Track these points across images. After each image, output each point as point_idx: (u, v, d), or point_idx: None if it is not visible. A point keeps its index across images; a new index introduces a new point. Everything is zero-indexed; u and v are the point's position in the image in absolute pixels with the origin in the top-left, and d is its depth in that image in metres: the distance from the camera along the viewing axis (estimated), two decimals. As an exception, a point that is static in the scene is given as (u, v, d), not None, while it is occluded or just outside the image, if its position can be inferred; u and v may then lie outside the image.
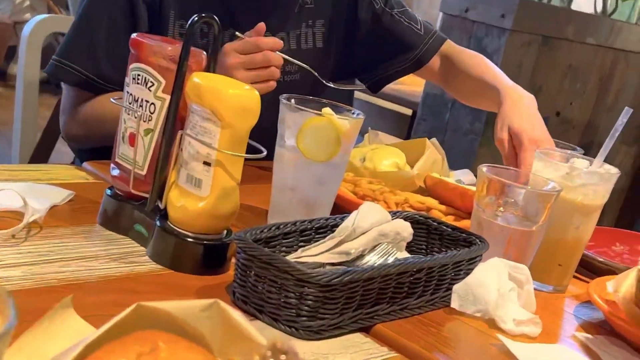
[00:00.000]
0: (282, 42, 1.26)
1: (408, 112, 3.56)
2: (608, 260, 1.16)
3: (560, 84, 3.24)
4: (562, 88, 3.26)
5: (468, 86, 1.51)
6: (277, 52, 1.24)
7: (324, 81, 1.43)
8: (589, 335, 0.93)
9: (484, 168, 1.01)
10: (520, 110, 1.27)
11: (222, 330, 0.57)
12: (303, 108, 1.01)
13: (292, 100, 1.04)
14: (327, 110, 1.02)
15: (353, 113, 1.06)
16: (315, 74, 1.38)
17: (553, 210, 1.00)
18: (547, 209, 0.99)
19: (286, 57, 1.29)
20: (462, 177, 1.40)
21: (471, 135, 3.03)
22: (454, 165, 3.15)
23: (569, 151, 1.14)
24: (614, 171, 1.05)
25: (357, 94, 2.81)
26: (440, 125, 3.13)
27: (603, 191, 1.04)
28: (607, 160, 1.06)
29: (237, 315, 0.57)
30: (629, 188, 3.88)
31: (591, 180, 1.02)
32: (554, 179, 1.03)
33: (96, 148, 1.36)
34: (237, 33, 1.29)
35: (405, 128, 3.56)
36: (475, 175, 1.39)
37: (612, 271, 1.12)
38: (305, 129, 1.01)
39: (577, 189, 1.02)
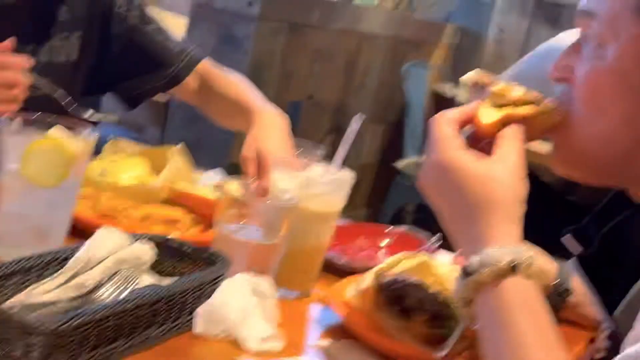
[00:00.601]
0: (30, 60, 1.16)
1: (163, 99, 3.49)
2: (349, 261, 1.21)
3: (310, 69, 3.33)
4: (312, 72, 3.35)
5: (223, 108, 1.50)
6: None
7: (66, 106, 1.34)
8: (332, 342, 0.96)
9: (224, 184, 1.01)
10: (270, 132, 1.28)
11: None
12: (25, 130, 0.94)
13: (14, 122, 0.96)
14: (54, 131, 0.96)
15: (87, 132, 1.00)
16: (57, 98, 1.29)
17: (292, 221, 1.01)
18: (286, 220, 1.00)
19: (35, 77, 1.20)
20: (214, 178, 1.39)
21: (227, 122, 3.03)
22: (211, 155, 3.14)
23: (305, 159, 1.16)
24: (348, 177, 1.09)
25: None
26: (195, 114, 3.08)
27: (340, 197, 1.07)
28: (357, 138, 1.09)
29: None
30: (378, 163, 4.10)
31: (327, 188, 1.05)
32: (291, 189, 1.04)
33: None
34: None
35: (161, 116, 3.49)
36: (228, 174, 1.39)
37: (354, 272, 1.16)
38: (30, 153, 0.94)
39: (314, 198, 1.05)
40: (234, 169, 1.39)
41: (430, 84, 4.13)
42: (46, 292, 0.85)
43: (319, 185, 1.05)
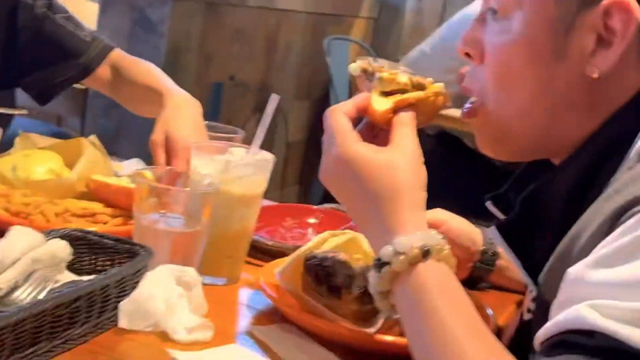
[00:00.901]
0: None
1: (81, 87, 3.39)
2: (277, 242, 1.19)
3: (229, 49, 3.28)
4: (232, 52, 3.31)
5: (135, 94, 1.46)
6: None
7: None
8: (263, 327, 0.94)
9: (140, 174, 0.97)
10: (180, 115, 1.25)
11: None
12: None
13: None
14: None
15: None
16: None
17: (215, 206, 0.99)
18: (208, 206, 0.98)
19: None
20: (133, 167, 1.35)
21: (148, 107, 2.96)
22: (133, 143, 3.08)
23: (225, 142, 1.13)
24: (269, 158, 1.07)
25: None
26: (114, 101, 3.02)
27: (261, 179, 1.05)
28: (283, 117, 1.07)
29: None
30: (306, 140, 4.09)
31: (248, 171, 1.03)
32: (212, 174, 1.02)
33: None
34: None
35: (80, 104, 3.39)
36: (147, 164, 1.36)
37: (283, 252, 1.14)
38: None
39: (235, 181, 1.02)
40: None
41: (353, 57, 4.13)
42: (-43, 299, 0.81)
43: (239, 168, 1.03)
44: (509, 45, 0.80)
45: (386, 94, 0.83)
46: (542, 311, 0.73)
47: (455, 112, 3.06)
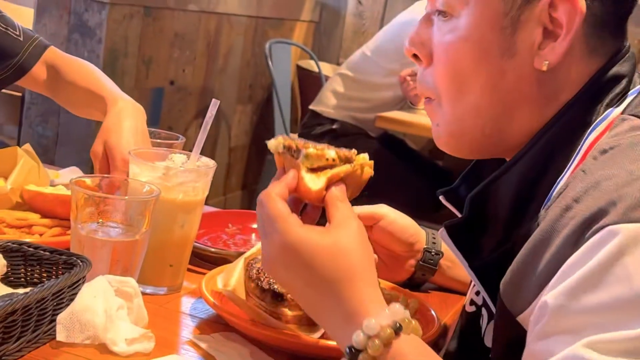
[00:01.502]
0: None
1: (18, 94, 3.32)
2: (220, 248, 1.18)
3: (169, 53, 3.25)
4: (172, 57, 3.27)
5: (76, 97, 1.42)
6: None
7: None
8: (206, 337, 0.93)
9: (76, 183, 0.95)
10: (122, 124, 1.21)
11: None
12: None
13: None
14: None
15: None
16: None
17: (155, 213, 0.97)
18: (148, 214, 0.96)
19: None
20: (71, 175, 1.32)
21: (87, 114, 2.91)
22: (71, 150, 3.01)
23: (164, 149, 1.12)
24: (211, 164, 1.05)
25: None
26: (52, 107, 2.97)
27: (202, 186, 1.03)
28: (225, 121, 1.05)
29: None
30: (249, 145, 4.07)
31: (189, 177, 1.01)
32: (152, 181, 1.00)
33: None
34: None
35: (16, 111, 3.32)
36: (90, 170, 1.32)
37: (225, 259, 1.13)
38: None
39: (176, 188, 1.01)
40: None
41: (294, 60, 4.13)
42: None
43: (180, 175, 1.01)
44: (458, 43, 0.80)
45: (314, 170, 0.82)
46: (504, 320, 0.73)
47: (398, 115, 3.09)
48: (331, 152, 0.83)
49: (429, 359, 0.73)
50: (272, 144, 0.85)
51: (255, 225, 1.33)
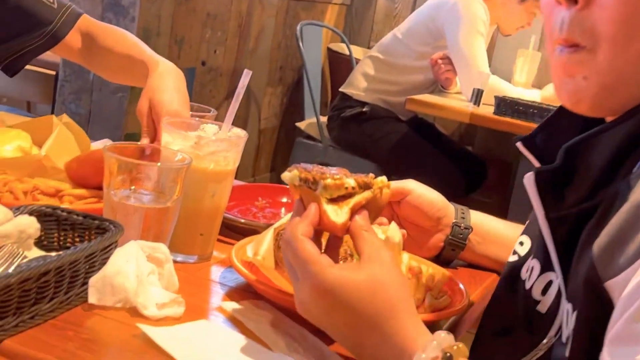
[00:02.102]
0: None
1: (51, 72, 3.35)
2: (250, 220, 1.18)
3: (201, 34, 3.26)
4: (204, 37, 3.28)
5: (114, 63, 1.43)
6: None
7: None
8: (234, 304, 0.93)
9: (110, 149, 0.96)
10: (164, 83, 1.23)
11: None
12: None
13: None
14: None
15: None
16: None
17: (187, 182, 0.98)
18: (179, 182, 0.96)
19: None
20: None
21: (119, 93, 2.94)
22: (104, 127, 3.04)
23: (196, 119, 1.12)
24: (242, 135, 1.06)
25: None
26: (85, 85, 2.99)
27: (234, 155, 1.04)
28: (255, 103, 1.06)
29: None
30: (279, 127, 4.08)
31: (220, 147, 1.02)
32: (183, 150, 1.00)
33: None
34: None
35: (50, 90, 3.35)
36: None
37: (255, 230, 1.14)
38: None
39: (207, 157, 1.01)
40: (129, 140, 1.34)
41: (325, 43, 4.12)
42: None
43: (211, 144, 1.01)
44: None
45: (334, 200, 0.81)
46: (590, 283, 0.71)
47: (428, 97, 3.08)
48: (350, 181, 0.81)
49: None
50: (287, 176, 0.84)
51: (285, 200, 1.34)
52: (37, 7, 1.41)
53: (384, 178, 0.85)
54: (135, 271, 0.87)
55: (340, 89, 3.44)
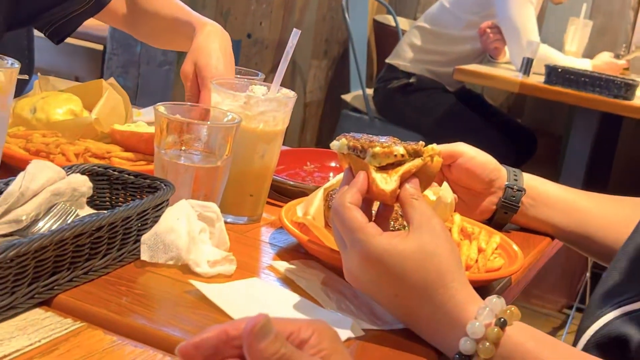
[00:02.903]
0: None
1: (99, 47, 3.38)
2: (299, 182, 1.18)
3: (247, 6, 3.25)
4: (250, 9, 3.27)
5: (160, 26, 1.42)
6: None
7: None
8: (285, 263, 0.93)
9: (160, 108, 0.96)
10: (210, 45, 1.22)
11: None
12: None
13: None
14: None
15: (7, 62, 0.94)
16: None
17: (236, 142, 0.97)
18: (229, 141, 0.96)
19: None
20: (152, 113, 1.34)
21: (166, 65, 2.96)
22: (151, 99, 3.06)
23: (246, 79, 1.12)
24: (291, 95, 1.05)
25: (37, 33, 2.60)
26: (132, 59, 3.01)
27: (282, 116, 1.03)
28: (302, 75, 1.05)
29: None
30: (324, 100, 4.06)
31: (269, 106, 1.01)
32: (233, 110, 1.00)
33: None
34: None
35: (98, 64, 3.39)
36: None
37: (304, 193, 1.13)
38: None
39: (257, 117, 1.01)
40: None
41: (371, 15, 4.09)
42: (-22, 229, 0.81)
43: (261, 104, 1.01)
44: None
45: (383, 168, 0.80)
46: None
47: (477, 67, 3.03)
48: (399, 148, 0.80)
49: (543, 341, 0.71)
50: (335, 145, 0.83)
51: (333, 164, 1.33)
52: None
53: (434, 145, 0.83)
54: (186, 229, 0.87)
55: (386, 60, 3.41)
